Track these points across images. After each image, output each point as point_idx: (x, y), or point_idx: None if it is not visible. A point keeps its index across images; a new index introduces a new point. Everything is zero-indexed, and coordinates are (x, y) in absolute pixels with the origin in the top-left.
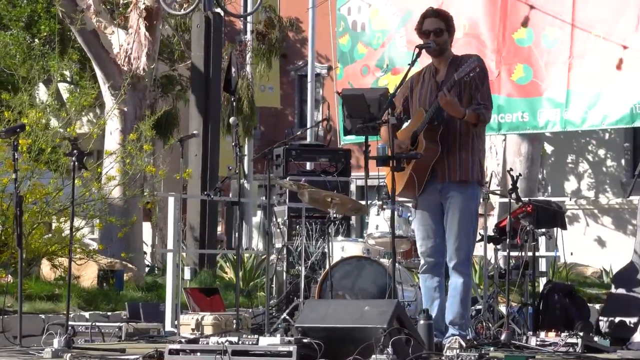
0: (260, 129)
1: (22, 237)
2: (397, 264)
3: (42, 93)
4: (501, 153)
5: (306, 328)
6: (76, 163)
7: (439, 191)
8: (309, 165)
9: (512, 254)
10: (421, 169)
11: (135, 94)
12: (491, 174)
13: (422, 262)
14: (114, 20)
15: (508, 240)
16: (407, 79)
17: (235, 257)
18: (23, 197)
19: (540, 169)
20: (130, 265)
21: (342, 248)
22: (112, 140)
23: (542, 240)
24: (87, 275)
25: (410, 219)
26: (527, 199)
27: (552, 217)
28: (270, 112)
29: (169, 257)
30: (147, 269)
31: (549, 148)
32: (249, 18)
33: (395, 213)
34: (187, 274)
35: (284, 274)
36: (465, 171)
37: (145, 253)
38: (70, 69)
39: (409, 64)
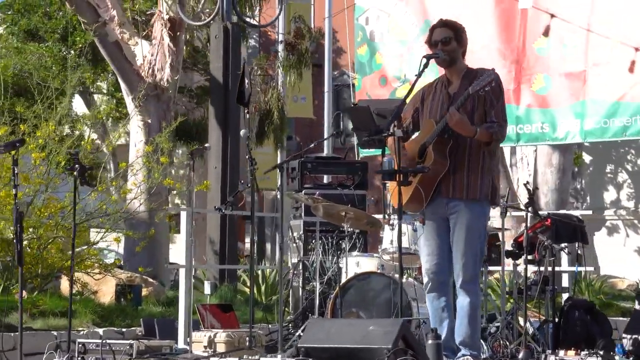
0: (296, 139)
1: (22, 255)
2: (413, 280)
3: (77, 105)
4: (532, 164)
5: (309, 348)
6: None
7: (445, 206)
8: (326, 178)
9: (532, 269)
10: (427, 183)
11: (159, 105)
12: (508, 190)
13: (425, 279)
14: (138, 32)
15: (525, 255)
16: (418, 90)
17: (257, 272)
18: (23, 213)
19: (577, 179)
20: (150, 280)
21: (357, 263)
22: (137, 152)
23: (564, 254)
24: (106, 290)
25: (418, 234)
26: (546, 212)
27: (572, 232)
28: (306, 123)
29: (182, 272)
30: (172, 284)
31: (587, 158)
32: (281, 29)
33: (410, 227)
34: (207, 289)
35: (300, 289)
36: (473, 191)
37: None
38: (106, 81)
39: (416, 75)
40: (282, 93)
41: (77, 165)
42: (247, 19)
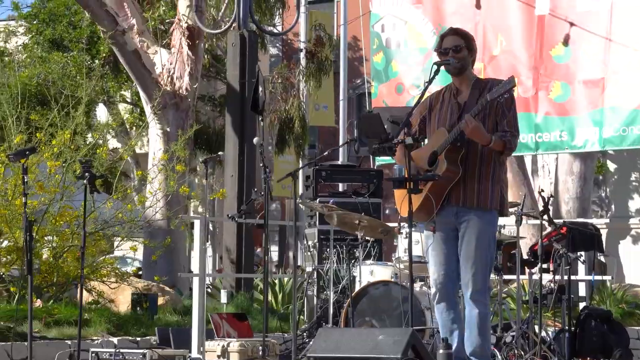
0: (319, 147)
1: (31, 263)
2: (427, 289)
3: (101, 114)
4: (553, 172)
5: (319, 358)
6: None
7: (455, 214)
8: (341, 187)
9: (548, 278)
10: (438, 191)
11: (178, 114)
12: (523, 199)
13: (433, 290)
14: (157, 40)
15: (540, 263)
16: (425, 98)
17: (274, 280)
18: (33, 222)
19: (602, 187)
20: (167, 289)
21: (372, 272)
22: (153, 160)
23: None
24: (123, 299)
25: (428, 243)
26: (561, 221)
27: (588, 240)
28: (329, 131)
29: (195, 281)
30: (190, 292)
31: (611, 166)
32: (302, 37)
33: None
34: (224, 298)
35: (315, 298)
36: (484, 200)
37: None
38: (130, 90)
39: (426, 82)
40: (304, 102)
41: (87, 174)
42: (268, 27)
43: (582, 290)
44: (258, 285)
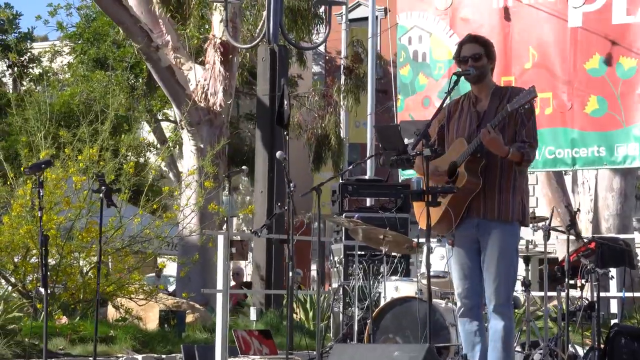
0: (362, 165)
1: (47, 278)
2: (453, 305)
3: (145, 132)
4: (593, 188)
5: None
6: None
7: (476, 227)
8: (369, 201)
9: (576, 294)
10: (458, 203)
11: (212, 130)
12: (551, 213)
13: (458, 304)
14: (192, 56)
15: (567, 279)
16: (444, 107)
17: (305, 297)
18: (48, 237)
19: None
20: (197, 306)
21: (396, 288)
22: (190, 177)
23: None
24: (153, 316)
25: (447, 256)
26: (590, 236)
27: (618, 256)
28: None
29: (218, 297)
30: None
31: None
32: (343, 53)
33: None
34: (253, 315)
35: (341, 315)
36: (505, 211)
37: None
38: (172, 108)
39: (445, 93)
40: (343, 118)
41: (103, 187)
42: (303, 43)
43: (614, 307)
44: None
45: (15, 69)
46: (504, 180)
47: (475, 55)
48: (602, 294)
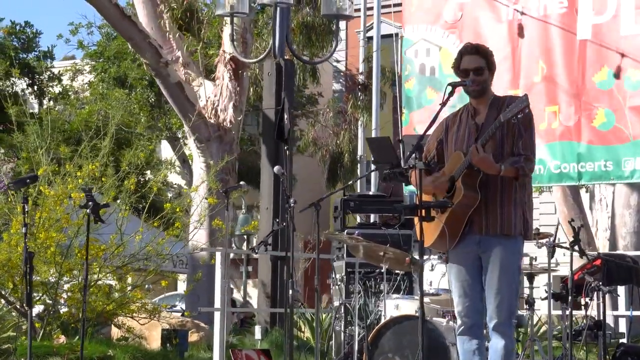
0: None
1: (31, 296)
2: (451, 323)
3: (165, 150)
4: (611, 205)
5: None
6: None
7: (477, 243)
8: (373, 217)
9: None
10: (457, 219)
11: (221, 146)
12: (556, 229)
13: (459, 322)
14: (202, 72)
15: (570, 297)
16: (442, 120)
17: (313, 315)
18: (33, 254)
19: None
20: (202, 325)
21: (397, 306)
22: (198, 194)
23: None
24: (157, 335)
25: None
26: (595, 252)
27: (626, 273)
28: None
29: (216, 316)
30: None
31: None
32: (360, 69)
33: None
34: (258, 333)
35: (342, 334)
36: (508, 226)
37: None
38: None
39: (440, 104)
40: (360, 135)
41: (90, 203)
42: (316, 59)
43: (622, 326)
44: (297, 321)
45: (35, 87)
46: (505, 194)
47: (477, 69)
48: (608, 312)
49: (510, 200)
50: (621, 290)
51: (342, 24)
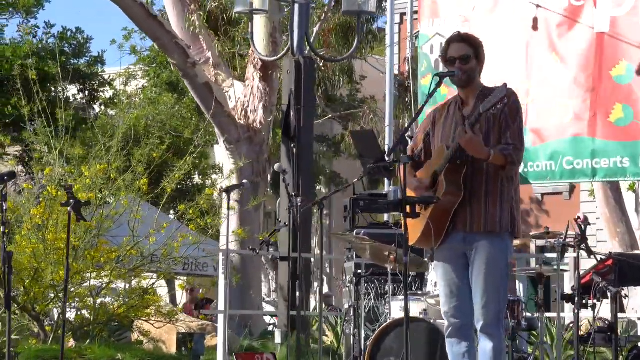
0: None
1: (10, 298)
2: None
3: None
4: None
5: None
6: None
7: (463, 240)
8: (386, 217)
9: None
10: (440, 216)
11: (252, 148)
12: (567, 227)
13: (446, 323)
14: (233, 72)
15: (578, 298)
16: (429, 113)
17: (337, 318)
18: (12, 253)
19: None
20: None
21: (402, 307)
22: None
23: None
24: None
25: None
26: (608, 252)
27: (638, 273)
28: None
29: (220, 318)
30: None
31: None
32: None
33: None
34: (278, 338)
35: (352, 337)
36: (492, 223)
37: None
38: None
39: (426, 95)
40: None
41: (71, 200)
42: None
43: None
44: (314, 324)
45: (86, 92)
46: (491, 189)
47: (464, 57)
48: (620, 315)
49: (495, 196)
50: (627, 291)
51: (396, 28)
